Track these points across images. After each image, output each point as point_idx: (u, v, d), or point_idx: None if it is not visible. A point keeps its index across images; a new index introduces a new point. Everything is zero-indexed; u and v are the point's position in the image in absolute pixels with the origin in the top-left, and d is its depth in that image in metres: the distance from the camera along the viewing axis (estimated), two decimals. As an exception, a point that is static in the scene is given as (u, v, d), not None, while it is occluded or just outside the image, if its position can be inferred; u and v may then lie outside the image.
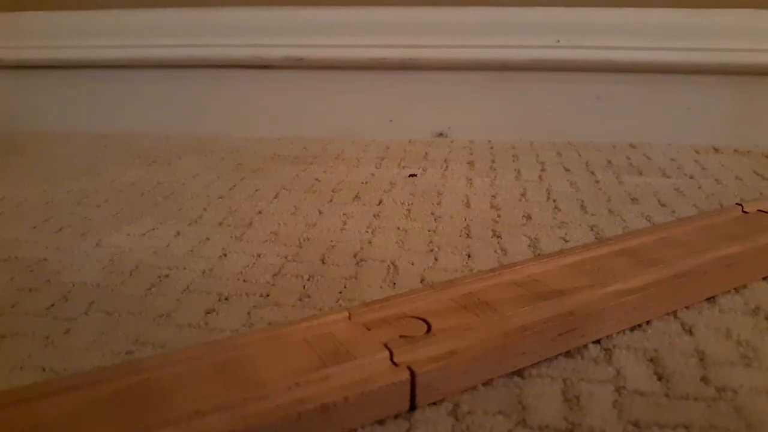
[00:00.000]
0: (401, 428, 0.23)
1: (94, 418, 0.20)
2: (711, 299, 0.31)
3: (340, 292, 0.33)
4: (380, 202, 0.48)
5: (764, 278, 0.34)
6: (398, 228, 0.42)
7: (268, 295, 0.33)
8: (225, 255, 0.38)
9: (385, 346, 0.24)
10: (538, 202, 0.47)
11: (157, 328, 0.30)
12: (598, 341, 0.28)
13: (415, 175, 0.55)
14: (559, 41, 0.65)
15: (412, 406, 0.23)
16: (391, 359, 0.24)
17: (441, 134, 0.70)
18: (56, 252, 0.39)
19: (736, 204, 0.40)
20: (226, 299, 0.33)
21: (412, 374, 0.23)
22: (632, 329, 0.29)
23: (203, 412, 0.20)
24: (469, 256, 0.37)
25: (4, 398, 0.21)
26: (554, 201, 0.47)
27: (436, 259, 0.37)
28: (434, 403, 0.24)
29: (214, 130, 0.73)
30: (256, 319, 0.30)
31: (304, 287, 0.34)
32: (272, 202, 0.48)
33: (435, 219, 0.44)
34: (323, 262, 0.37)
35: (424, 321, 0.26)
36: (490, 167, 0.57)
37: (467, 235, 0.41)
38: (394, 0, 0.68)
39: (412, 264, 0.36)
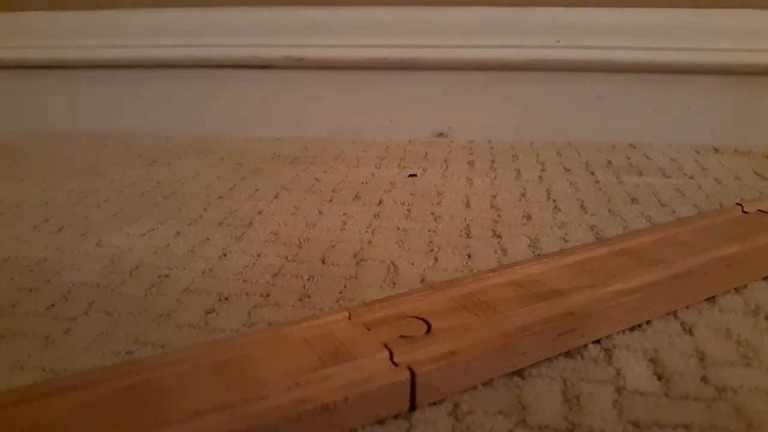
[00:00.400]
0: (401, 428, 0.23)
1: (94, 418, 0.20)
2: (711, 299, 0.31)
3: (340, 292, 0.33)
4: (380, 202, 0.48)
5: (764, 278, 0.34)
6: (398, 228, 0.42)
7: (268, 295, 0.33)
8: (225, 255, 0.38)
9: (385, 346, 0.24)
10: (538, 202, 0.47)
11: (157, 328, 0.30)
12: (598, 341, 0.28)
13: (415, 175, 0.55)
14: (559, 41, 0.65)
15: (412, 406, 0.23)
16: (391, 359, 0.24)
17: (441, 134, 0.70)
18: (56, 252, 0.39)
19: (736, 204, 0.40)
20: (226, 299, 0.33)
21: (412, 374, 0.23)
22: (632, 329, 0.29)
23: (203, 412, 0.20)
24: (469, 256, 0.37)
25: (4, 398, 0.21)
26: (554, 201, 0.47)
27: (436, 259, 0.37)
28: (434, 403, 0.24)
29: (214, 130, 0.73)
30: (256, 319, 0.30)
31: (304, 287, 0.34)
32: (272, 202, 0.48)
33: (435, 219, 0.44)
34: (323, 262, 0.37)
35: (424, 321, 0.26)
36: (490, 167, 0.57)
37: (467, 235, 0.41)
38: (394, 0, 0.68)
39: (412, 264, 0.36)
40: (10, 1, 0.74)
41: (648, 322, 0.29)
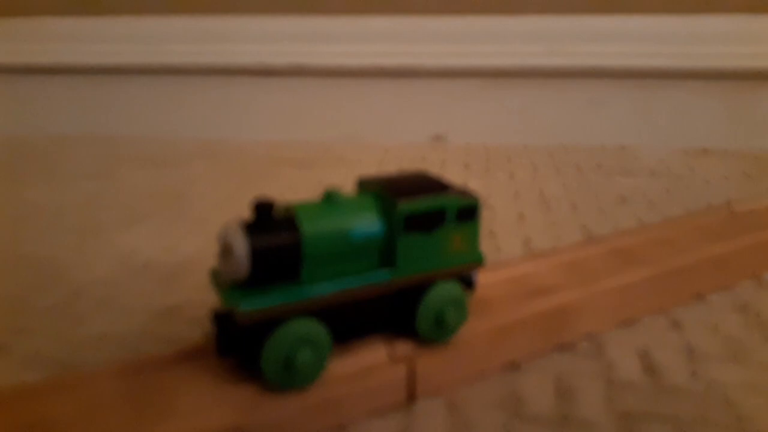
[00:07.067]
0: (400, 421, 0.23)
1: (102, 414, 0.21)
2: (700, 297, 0.32)
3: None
4: (381, 204, 0.48)
5: (752, 276, 0.34)
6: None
7: (273, 294, 0.33)
8: (231, 256, 0.39)
9: (384, 339, 0.25)
10: (531, 202, 0.48)
11: (166, 325, 0.30)
12: (590, 336, 0.28)
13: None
14: (551, 48, 0.66)
15: (411, 399, 0.24)
16: (390, 353, 0.24)
17: (438, 138, 0.71)
18: (67, 251, 0.40)
19: (725, 204, 0.40)
20: (232, 298, 0.33)
21: (411, 367, 0.23)
22: (623, 325, 0.29)
23: (206, 408, 0.21)
24: (466, 256, 0.38)
25: (15, 393, 0.22)
26: (546, 201, 0.48)
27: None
28: (432, 396, 0.24)
29: (220, 134, 0.74)
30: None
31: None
32: (276, 205, 0.49)
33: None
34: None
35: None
36: (485, 169, 0.58)
37: (465, 235, 0.41)
38: (394, 9, 0.68)
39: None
40: (24, 6, 0.75)
41: (639, 319, 0.30)
